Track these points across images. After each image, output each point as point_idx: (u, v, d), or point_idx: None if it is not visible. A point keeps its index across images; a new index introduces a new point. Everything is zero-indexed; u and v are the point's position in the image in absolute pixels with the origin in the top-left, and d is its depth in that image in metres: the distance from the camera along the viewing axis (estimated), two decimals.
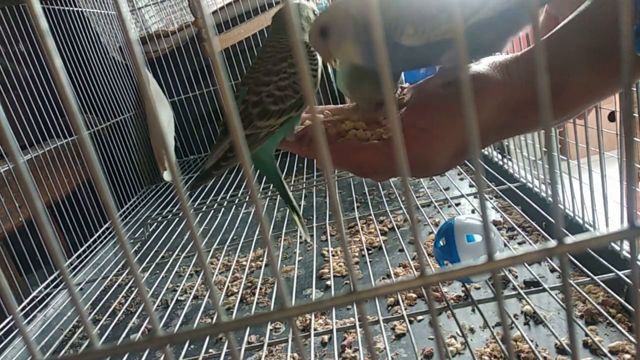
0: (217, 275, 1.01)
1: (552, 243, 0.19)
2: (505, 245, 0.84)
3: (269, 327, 0.76)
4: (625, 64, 0.17)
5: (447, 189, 1.17)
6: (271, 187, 1.36)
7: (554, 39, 0.33)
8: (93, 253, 1.23)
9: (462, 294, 0.75)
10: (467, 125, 0.18)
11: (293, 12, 0.17)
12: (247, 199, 1.31)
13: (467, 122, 0.18)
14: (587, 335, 0.58)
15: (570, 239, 0.19)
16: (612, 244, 0.66)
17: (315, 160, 0.38)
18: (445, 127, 0.34)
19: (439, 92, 0.36)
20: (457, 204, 1.06)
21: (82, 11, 1.59)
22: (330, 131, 0.39)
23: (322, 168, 0.36)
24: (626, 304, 0.61)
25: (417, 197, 1.15)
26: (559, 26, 0.35)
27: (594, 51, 0.33)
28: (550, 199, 0.86)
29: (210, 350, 0.76)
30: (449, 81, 0.36)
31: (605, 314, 0.60)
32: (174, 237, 1.21)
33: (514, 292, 0.66)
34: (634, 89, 0.59)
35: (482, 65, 0.35)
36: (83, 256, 1.19)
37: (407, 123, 0.35)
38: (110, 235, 1.32)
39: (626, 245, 0.66)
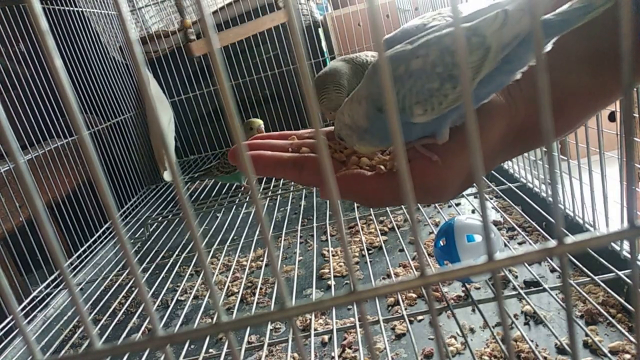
0: (217, 275, 1.01)
1: (552, 243, 0.19)
2: (505, 245, 0.84)
3: (269, 327, 0.76)
4: (625, 64, 0.17)
5: None
6: (272, 187, 1.36)
7: (553, 52, 0.33)
8: (93, 253, 1.23)
9: (462, 294, 0.75)
10: (468, 125, 0.18)
11: (294, 12, 0.17)
12: (247, 199, 1.31)
13: (467, 123, 0.18)
14: (587, 335, 0.58)
15: (570, 239, 0.19)
16: (612, 244, 0.66)
17: (319, 190, 0.37)
18: (454, 156, 0.34)
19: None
20: (457, 204, 1.06)
21: (82, 11, 1.59)
22: (335, 156, 0.38)
23: (327, 196, 0.36)
24: (626, 304, 0.61)
25: None
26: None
27: (594, 57, 0.33)
28: (550, 199, 0.86)
29: (211, 350, 0.76)
30: None
31: (606, 314, 0.60)
32: (174, 237, 1.21)
33: (514, 292, 0.66)
34: (634, 89, 0.59)
35: None
36: (83, 256, 1.19)
37: (417, 153, 0.34)
38: (111, 236, 1.32)
39: (626, 245, 0.66)
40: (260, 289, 0.92)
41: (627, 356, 0.57)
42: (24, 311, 0.97)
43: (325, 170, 0.18)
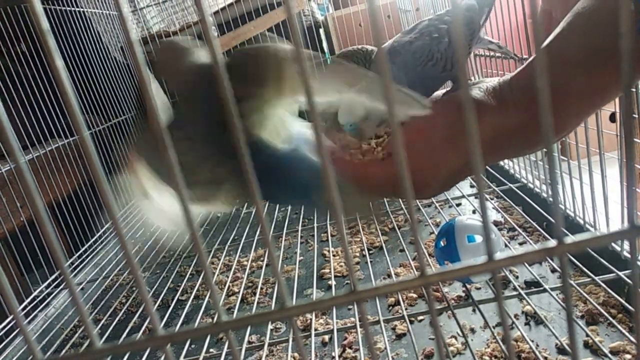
0: (218, 275, 1.02)
1: (553, 243, 0.19)
2: (506, 245, 0.84)
3: (270, 326, 0.76)
4: (625, 65, 0.17)
5: None
6: None
7: (549, 55, 0.32)
8: (94, 253, 1.23)
9: (463, 294, 0.75)
10: (467, 126, 0.18)
11: (294, 12, 0.17)
12: (247, 199, 1.31)
13: (467, 123, 0.18)
14: (587, 335, 0.58)
15: (570, 239, 0.19)
16: (613, 244, 0.66)
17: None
18: (441, 152, 0.34)
19: (439, 117, 0.36)
20: (458, 205, 1.06)
21: (83, 11, 1.60)
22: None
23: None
24: (627, 304, 0.61)
25: None
26: (551, 36, 0.34)
27: (590, 57, 0.32)
28: (550, 199, 0.86)
29: (211, 350, 0.76)
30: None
31: (606, 314, 0.60)
32: (175, 236, 1.21)
33: (514, 293, 0.66)
34: (634, 89, 0.59)
35: (475, 91, 0.35)
36: (84, 256, 1.19)
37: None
38: (112, 235, 1.32)
39: (627, 245, 0.65)
40: (261, 288, 0.92)
41: (628, 356, 0.57)
42: (25, 311, 0.97)
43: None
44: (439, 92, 0.41)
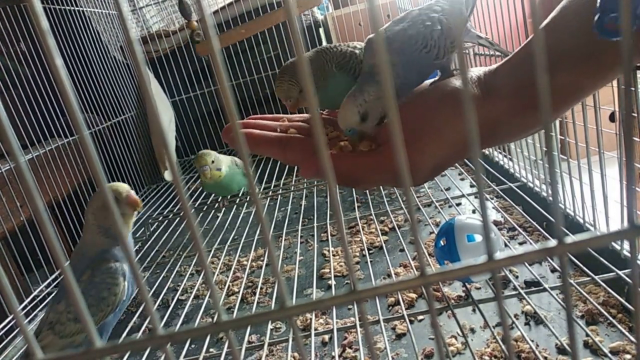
0: (218, 274, 1.02)
1: (552, 243, 0.19)
2: (506, 245, 0.84)
3: (270, 326, 0.76)
4: (625, 64, 0.17)
5: (447, 189, 1.17)
6: (272, 187, 1.36)
7: (532, 50, 0.33)
8: None
9: (463, 294, 0.75)
10: (467, 124, 0.18)
11: (293, 13, 0.17)
12: (247, 199, 1.31)
13: (467, 122, 0.18)
14: (587, 335, 0.58)
15: (570, 239, 0.19)
16: (613, 243, 0.66)
17: (299, 169, 0.38)
18: (427, 143, 0.34)
19: (425, 107, 0.36)
20: (458, 204, 1.06)
21: (83, 11, 1.60)
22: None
23: (307, 175, 0.37)
24: (627, 304, 0.61)
25: (417, 197, 1.15)
26: (544, 23, 0.35)
27: (574, 54, 0.33)
28: (550, 198, 0.86)
29: (211, 350, 0.76)
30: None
31: (606, 314, 0.60)
32: (175, 236, 1.21)
33: (514, 292, 0.66)
34: (633, 88, 0.59)
35: (459, 81, 0.35)
36: None
37: (388, 135, 0.35)
38: None
39: (627, 244, 0.66)
40: (261, 288, 0.92)
41: (628, 356, 0.57)
42: (25, 310, 0.97)
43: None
44: (426, 82, 0.41)
